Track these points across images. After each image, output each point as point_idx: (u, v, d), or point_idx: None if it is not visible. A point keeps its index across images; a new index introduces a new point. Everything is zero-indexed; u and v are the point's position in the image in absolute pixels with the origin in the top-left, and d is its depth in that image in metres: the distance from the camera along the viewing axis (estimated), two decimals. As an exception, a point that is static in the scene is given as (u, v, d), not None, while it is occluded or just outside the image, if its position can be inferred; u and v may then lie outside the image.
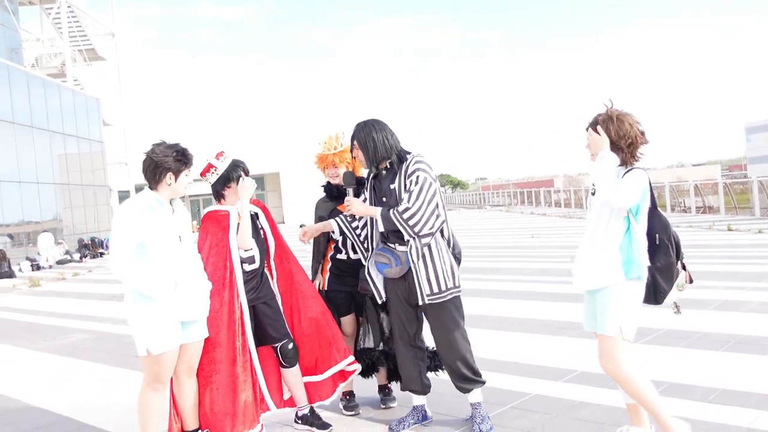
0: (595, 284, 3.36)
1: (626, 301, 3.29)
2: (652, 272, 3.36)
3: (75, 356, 7.06)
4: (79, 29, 33.89)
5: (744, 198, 24.85)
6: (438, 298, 3.94)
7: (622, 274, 3.27)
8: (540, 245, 15.68)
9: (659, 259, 3.37)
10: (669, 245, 3.38)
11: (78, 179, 28.29)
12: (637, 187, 3.28)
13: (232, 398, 3.80)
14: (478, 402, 4.05)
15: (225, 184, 4.02)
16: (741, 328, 5.95)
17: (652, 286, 3.38)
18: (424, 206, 3.83)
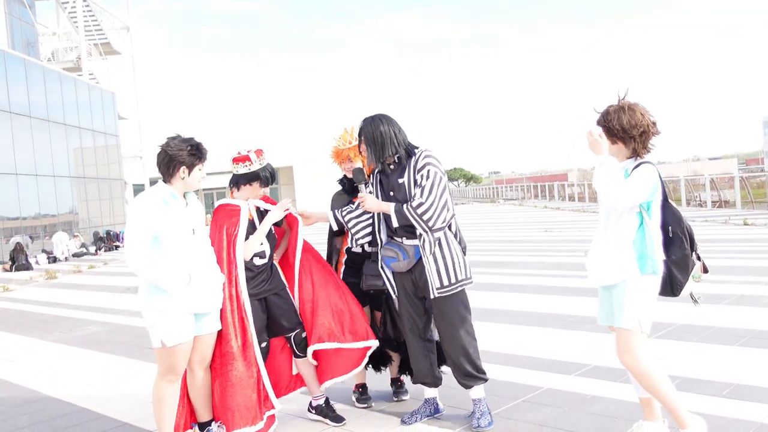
0: (609, 280, 3.36)
1: (642, 295, 3.29)
2: (668, 265, 3.36)
3: (90, 348, 7.13)
4: (94, 23, 34.11)
5: (761, 192, 24.64)
6: (447, 291, 3.94)
7: (636, 269, 3.27)
8: (553, 239, 15.62)
9: (674, 252, 3.36)
10: (683, 237, 3.37)
11: (93, 173, 28.52)
12: (645, 183, 3.26)
13: (241, 391, 3.81)
14: (479, 398, 4.04)
15: (250, 180, 4.03)
16: (757, 323, 5.90)
17: (668, 279, 3.37)
18: (436, 201, 3.84)
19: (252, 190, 4.07)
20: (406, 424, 4.12)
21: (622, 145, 3.39)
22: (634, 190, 3.23)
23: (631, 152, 3.39)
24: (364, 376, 4.59)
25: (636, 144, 3.35)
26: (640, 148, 3.37)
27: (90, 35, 34.00)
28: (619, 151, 3.42)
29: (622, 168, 3.40)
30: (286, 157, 38.37)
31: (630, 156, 3.40)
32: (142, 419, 4.54)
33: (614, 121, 3.36)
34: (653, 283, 3.33)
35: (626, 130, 3.33)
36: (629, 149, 3.38)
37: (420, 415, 4.16)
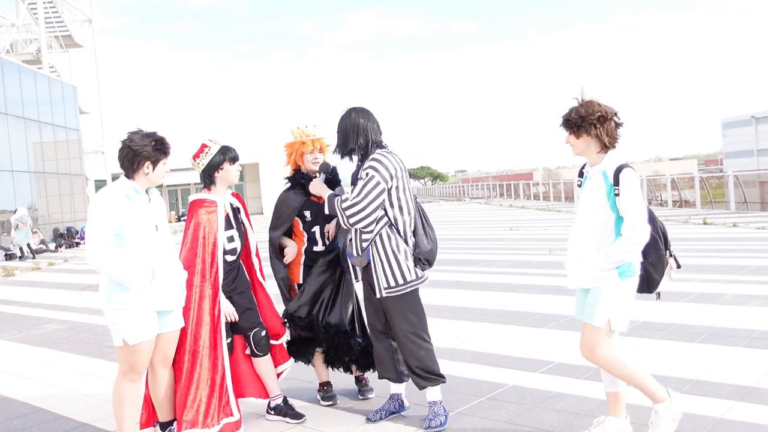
0: (590, 284, 3.43)
1: (619, 296, 3.37)
2: (645, 267, 3.45)
3: (49, 347, 6.98)
4: (55, 15, 33.36)
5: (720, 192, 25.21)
6: (394, 292, 3.93)
7: (616, 275, 3.35)
8: (518, 237, 15.76)
9: (650, 254, 3.44)
10: (657, 237, 3.46)
11: (54, 168, 27.88)
12: (639, 197, 3.34)
13: (207, 390, 3.77)
14: (433, 400, 4.01)
15: (220, 164, 4.00)
16: (716, 320, 6.03)
17: (646, 279, 3.48)
18: (363, 203, 3.83)
19: (226, 173, 4.03)
20: (371, 421, 4.11)
21: (586, 135, 3.42)
22: (641, 217, 3.29)
23: (599, 145, 3.43)
24: (327, 374, 4.56)
25: (599, 131, 3.39)
26: (605, 136, 3.40)
27: (51, 27, 33.25)
28: (588, 146, 3.45)
29: (600, 171, 3.43)
30: (252, 154, 38.03)
31: (600, 150, 3.44)
32: (102, 419, 4.45)
33: (572, 114, 3.44)
34: (631, 284, 3.41)
35: (584, 117, 3.39)
36: (596, 140, 3.41)
37: (384, 412, 4.15)
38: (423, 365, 3.99)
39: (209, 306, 3.82)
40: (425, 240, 4.03)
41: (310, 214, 4.39)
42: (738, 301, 6.81)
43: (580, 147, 3.48)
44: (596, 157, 3.47)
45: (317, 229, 4.40)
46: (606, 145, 3.42)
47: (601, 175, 3.42)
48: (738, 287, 7.57)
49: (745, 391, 4.17)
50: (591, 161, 3.51)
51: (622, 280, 3.35)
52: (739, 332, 5.57)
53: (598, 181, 3.43)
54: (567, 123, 3.47)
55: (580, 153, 3.52)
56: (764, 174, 22.71)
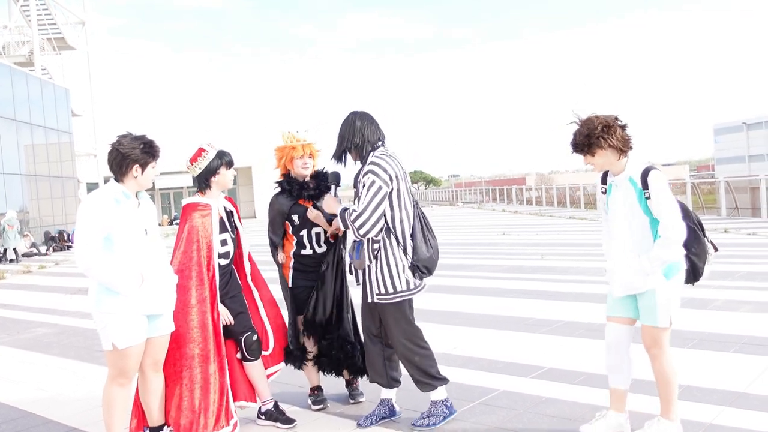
0: (635, 290, 3.51)
1: (672, 293, 3.47)
2: (690, 258, 3.54)
3: (39, 351, 6.93)
4: (48, 17, 33.23)
5: (711, 198, 25.28)
6: (386, 299, 3.94)
7: (662, 276, 3.44)
8: (511, 242, 15.78)
9: (693, 245, 3.54)
10: (695, 228, 3.54)
11: (45, 170, 27.76)
12: (670, 195, 3.40)
13: (202, 396, 3.75)
14: (436, 400, 4.06)
15: (217, 169, 4.00)
16: (707, 326, 6.04)
17: (692, 270, 3.57)
18: (369, 210, 3.83)
19: (222, 178, 4.03)
20: (361, 426, 4.10)
21: (600, 150, 3.47)
22: (676, 216, 3.37)
23: (617, 153, 3.48)
24: (318, 379, 4.56)
25: (610, 140, 3.43)
26: (618, 143, 3.45)
27: (43, 29, 33.12)
28: (606, 159, 3.51)
29: (626, 178, 3.49)
30: (245, 158, 37.98)
31: (619, 157, 3.50)
32: (92, 424, 4.42)
33: (577, 136, 3.51)
34: (679, 281, 3.51)
35: (589, 135, 3.45)
36: (612, 150, 3.47)
37: (375, 417, 4.15)
38: (420, 371, 4.01)
39: (210, 309, 3.82)
40: (424, 246, 3.97)
41: (298, 218, 4.40)
42: (729, 307, 6.83)
43: (600, 162, 3.53)
44: (618, 166, 3.53)
45: (305, 233, 4.41)
46: (622, 150, 3.48)
47: (628, 181, 3.48)
48: (729, 293, 7.60)
49: (735, 396, 4.18)
50: (614, 171, 3.56)
51: (669, 279, 3.44)
52: (730, 338, 5.59)
53: (626, 188, 3.48)
54: (577, 147, 3.54)
55: (602, 167, 3.58)
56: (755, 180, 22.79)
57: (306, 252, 4.42)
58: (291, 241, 4.45)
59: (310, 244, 4.41)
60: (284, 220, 4.42)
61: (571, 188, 34.52)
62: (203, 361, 3.76)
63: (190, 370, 3.75)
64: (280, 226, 4.44)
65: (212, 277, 3.86)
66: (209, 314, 3.82)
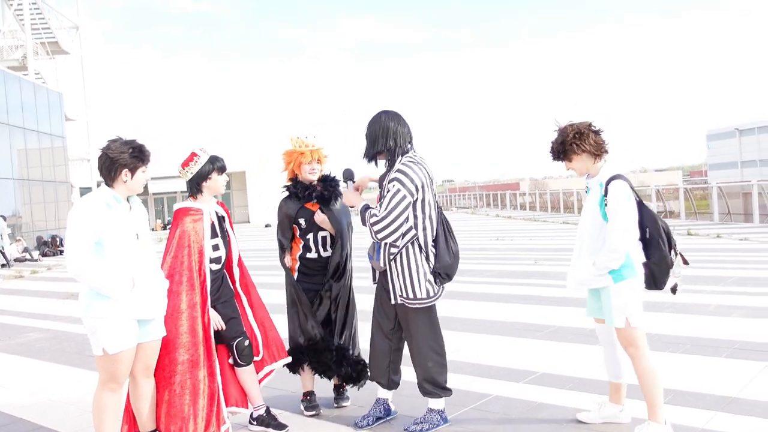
0: (583, 286, 3.72)
1: (623, 296, 3.59)
2: (649, 266, 3.64)
3: (31, 356, 6.90)
4: (42, 21, 33.21)
5: (704, 203, 25.39)
6: (410, 303, 3.97)
7: (610, 279, 3.59)
8: (505, 248, 15.80)
9: (653, 254, 3.64)
10: (659, 238, 3.63)
11: (38, 175, 27.68)
12: (625, 208, 3.55)
13: (191, 401, 3.73)
14: (432, 408, 4.06)
15: (208, 174, 4.00)
16: (699, 331, 6.06)
17: (651, 278, 3.67)
18: (389, 218, 3.82)
19: (214, 183, 4.03)
20: (359, 427, 4.13)
21: (575, 155, 3.70)
22: (620, 227, 3.53)
23: (592, 157, 3.70)
24: (312, 384, 4.55)
25: (583, 145, 3.66)
26: (591, 148, 3.66)
27: (37, 33, 33.09)
28: (583, 163, 3.73)
29: (597, 182, 3.68)
30: (239, 163, 37.95)
31: (595, 161, 3.70)
32: (82, 429, 4.40)
33: (553, 146, 3.76)
34: (633, 283, 3.62)
35: (563, 143, 3.70)
36: (586, 155, 3.69)
37: (371, 418, 4.18)
38: (429, 377, 4.03)
39: (200, 314, 3.80)
40: (446, 254, 3.98)
41: (305, 221, 4.45)
42: (721, 312, 6.85)
43: (578, 167, 3.76)
44: (595, 169, 3.74)
45: (311, 237, 4.45)
46: (597, 154, 3.68)
47: (598, 186, 3.68)
48: (721, 298, 7.62)
49: (727, 401, 4.19)
50: (592, 174, 3.76)
51: (616, 283, 3.57)
52: (722, 343, 5.60)
53: (595, 192, 3.69)
54: (555, 154, 3.78)
55: (582, 171, 3.78)
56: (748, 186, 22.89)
57: (311, 255, 4.46)
58: (298, 244, 4.50)
59: (315, 248, 4.45)
60: (292, 223, 4.47)
61: (565, 193, 34.61)
62: (193, 367, 3.74)
63: (180, 375, 3.72)
64: (288, 229, 4.50)
65: (203, 282, 3.85)
66: (200, 319, 3.80)
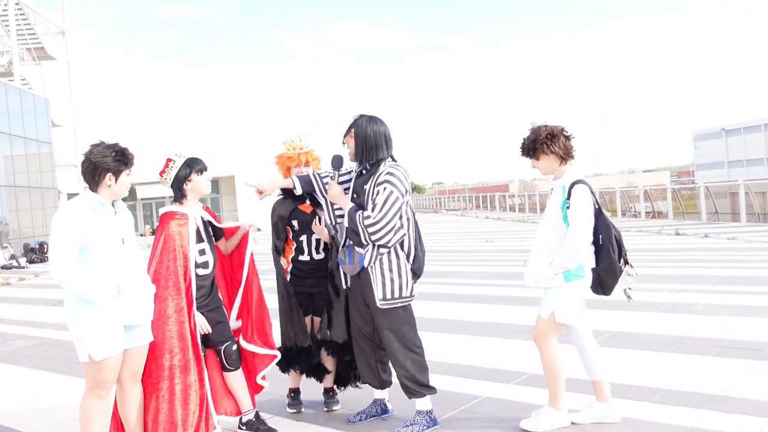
0: (539, 284, 3.86)
1: (564, 295, 3.77)
2: (597, 272, 3.81)
3: (18, 363, 6.84)
4: (27, 27, 32.98)
5: (691, 203, 25.54)
6: (389, 304, 3.96)
7: (562, 278, 3.75)
8: (494, 249, 15.83)
9: (602, 260, 3.82)
10: (610, 246, 3.80)
11: (25, 181, 27.45)
12: (586, 210, 3.72)
13: (180, 407, 3.69)
14: (421, 410, 4.05)
15: (188, 177, 3.95)
16: (687, 330, 6.09)
17: (599, 283, 3.83)
18: (385, 219, 3.85)
19: (196, 185, 3.98)
20: (351, 422, 4.18)
21: (544, 155, 3.83)
22: (582, 229, 3.71)
23: (558, 160, 3.83)
24: (298, 381, 4.57)
25: (553, 147, 3.79)
26: (560, 150, 3.80)
27: (23, 39, 32.85)
28: (549, 164, 3.86)
29: (560, 185, 3.81)
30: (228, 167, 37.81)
31: (561, 163, 3.84)
32: (70, 437, 4.36)
33: (525, 142, 3.88)
34: (579, 285, 3.80)
35: (535, 141, 3.83)
36: (554, 156, 3.82)
37: (365, 414, 4.22)
38: (410, 375, 4.01)
39: (187, 319, 3.77)
40: (420, 254, 4.09)
41: (298, 223, 4.44)
42: (709, 311, 6.89)
43: (543, 166, 3.90)
44: (560, 171, 3.88)
45: (304, 239, 4.44)
46: (564, 158, 3.82)
47: (561, 188, 3.82)
48: (709, 297, 7.66)
49: (715, 400, 4.20)
50: (556, 176, 3.91)
51: (567, 282, 3.75)
52: (710, 342, 5.63)
53: (557, 194, 3.84)
54: (524, 150, 3.91)
55: (546, 172, 3.93)
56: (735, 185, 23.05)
57: (304, 258, 4.45)
58: (291, 246, 4.49)
59: (308, 250, 4.44)
60: (285, 225, 4.46)
61: (554, 195, 34.69)
62: (181, 372, 3.71)
63: (167, 381, 3.68)
64: (282, 231, 4.48)
65: (189, 286, 3.82)
66: (187, 324, 3.76)
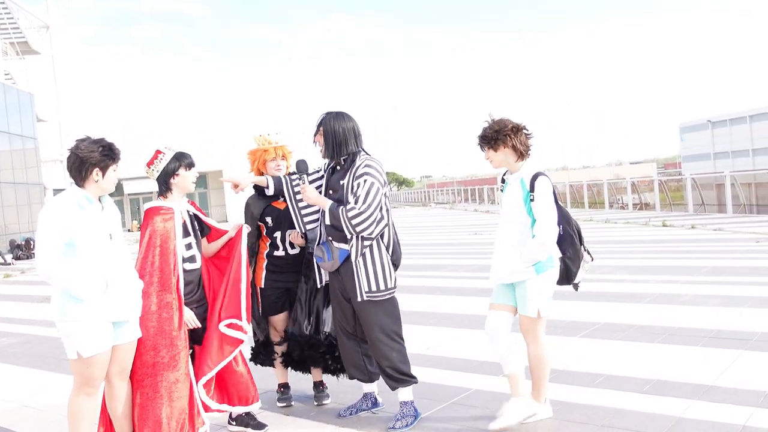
0: (511, 279, 3.85)
1: (541, 288, 3.81)
2: (564, 261, 3.90)
3: (4, 361, 6.78)
4: (11, 21, 32.59)
5: (678, 195, 25.70)
6: (375, 297, 3.98)
7: (533, 271, 3.78)
8: (483, 242, 15.85)
9: (567, 249, 3.90)
10: (573, 234, 3.91)
11: (10, 177, 27.20)
12: (550, 202, 3.75)
13: (167, 404, 3.64)
14: (404, 400, 4.07)
15: (175, 171, 3.91)
16: (675, 321, 6.12)
17: (565, 272, 3.93)
18: (369, 210, 3.89)
19: (182, 180, 3.93)
20: (341, 416, 4.20)
21: (503, 147, 3.85)
22: (550, 220, 3.74)
23: (516, 154, 3.86)
24: (286, 376, 4.59)
25: (514, 141, 3.83)
26: (521, 146, 3.85)
27: (6, 33, 32.47)
28: (505, 157, 3.89)
29: (518, 179, 3.85)
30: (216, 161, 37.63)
31: (517, 159, 3.87)
32: (58, 435, 4.33)
33: (488, 130, 3.88)
34: (551, 276, 3.85)
35: (499, 131, 3.85)
36: (513, 151, 3.85)
37: (355, 409, 4.24)
38: (394, 365, 4.02)
39: (177, 315, 3.72)
40: (398, 246, 4.13)
41: (272, 219, 4.44)
42: (696, 302, 6.94)
43: (499, 159, 3.92)
44: (515, 166, 3.91)
45: (278, 235, 4.44)
46: (522, 154, 3.86)
47: (519, 182, 3.84)
48: (696, 288, 7.71)
49: (703, 390, 4.23)
50: (510, 170, 3.94)
51: (539, 274, 3.77)
52: (698, 332, 5.67)
53: (516, 188, 3.86)
54: (484, 139, 3.92)
55: (499, 165, 3.95)
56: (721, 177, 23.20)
57: (279, 253, 4.44)
58: (265, 242, 4.48)
59: (283, 246, 4.44)
60: (257, 221, 4.44)
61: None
62: (166, 369, 3.66)
63: (150, 378, 3.64)
64: (252, 226, 4.41)
65: (177, 281, 3.77)
66: (173, 320, 3.71)
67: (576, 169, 78.98)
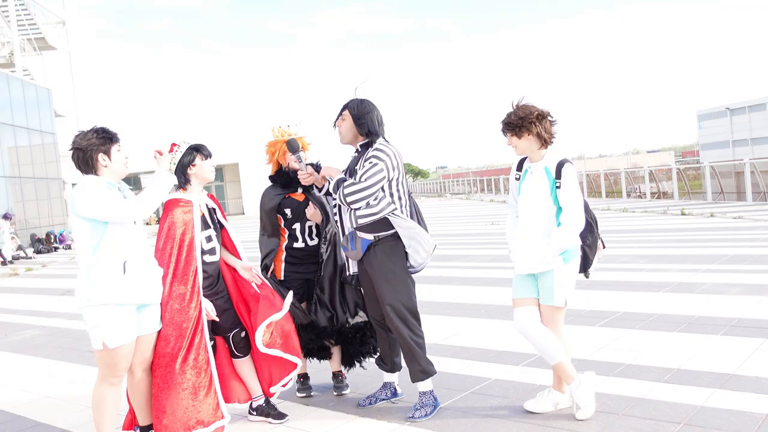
0: (539, 269, 3.80)
1: (568, 278, 3.80)
2: (584, 249, 3.89)
3: (28, 353, 6.87)
4: (27, 17, 32.87)
5: (697, 183, 25.46)
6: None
7: (561, 260, 3.75)
8: (499, 232, 15.80)
9: (587, 237, 3.90)
10: (591, 223, 3.91)
11: (30, 172, 27.52)
12: (577, 189, 3.74)
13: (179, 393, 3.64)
14: (423, 391, 4.08)
15: (192, 161, 3.95)
16: (695, 309, 6.08)
17: (583, 260, 3.92)
18: (364, 185, 3.92)
19: (200, 170, 3.97)
20: (361, 406, 4.22)
21: (528, 134, 3.78)
22: (578, 208, 3.71)
23: (540, 142, 3.80)
24: (305, 366, 4.60)
25: (539, 129, 3.76)
26: (545, 133, 3.78)
27: (23, 30, 32.76)
28: (529, 144, 3.82)
29: (542, 167, 3.80)
30: (232, 154, 37.77)
31: (540, 147, 3.81)
32: (82, 425, 4.39)
33: (512, 116, 3.81)
34: (575, 265, 3.84)
35: (524, 118, 3.77)
36: (537, 138, 3.78)
37: (375, 398, 4.26)
38: (416, 361, 4.02)
39: (192, 307, 3.73)
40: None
41: (290, 211, 4.44)
42: (717, 290, 6.88)
43: (523, 146, 3.84)
44: (537, 154, 3.84)
45: (297, 227, 4.44)
46: (546, 141, 3.81)
47: (543, 170, 3.80)
48: (716, 276, 7.65)
49: (725, 378, 4.20)
50: (532, 158, 3.88)
51: (567, 263, 3.75)
52: (719, 321, 5.62)
53: (540, 177, 3.81)
54: (508, 126, 3.84)
55: (523, 152, 3.89)
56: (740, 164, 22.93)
57: (298, 245, 4.45)
58: (284, 235, 4.48)
59: (302, 237, 4.44)
60: (275, 214, 4.44)
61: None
62: (175, 360, 3.66)
63: (162, 368, 3.66)
64: (270, 219, 4.45)
65: (195, 273, 3.79)
66: (189, 311, 3.71)
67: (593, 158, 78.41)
